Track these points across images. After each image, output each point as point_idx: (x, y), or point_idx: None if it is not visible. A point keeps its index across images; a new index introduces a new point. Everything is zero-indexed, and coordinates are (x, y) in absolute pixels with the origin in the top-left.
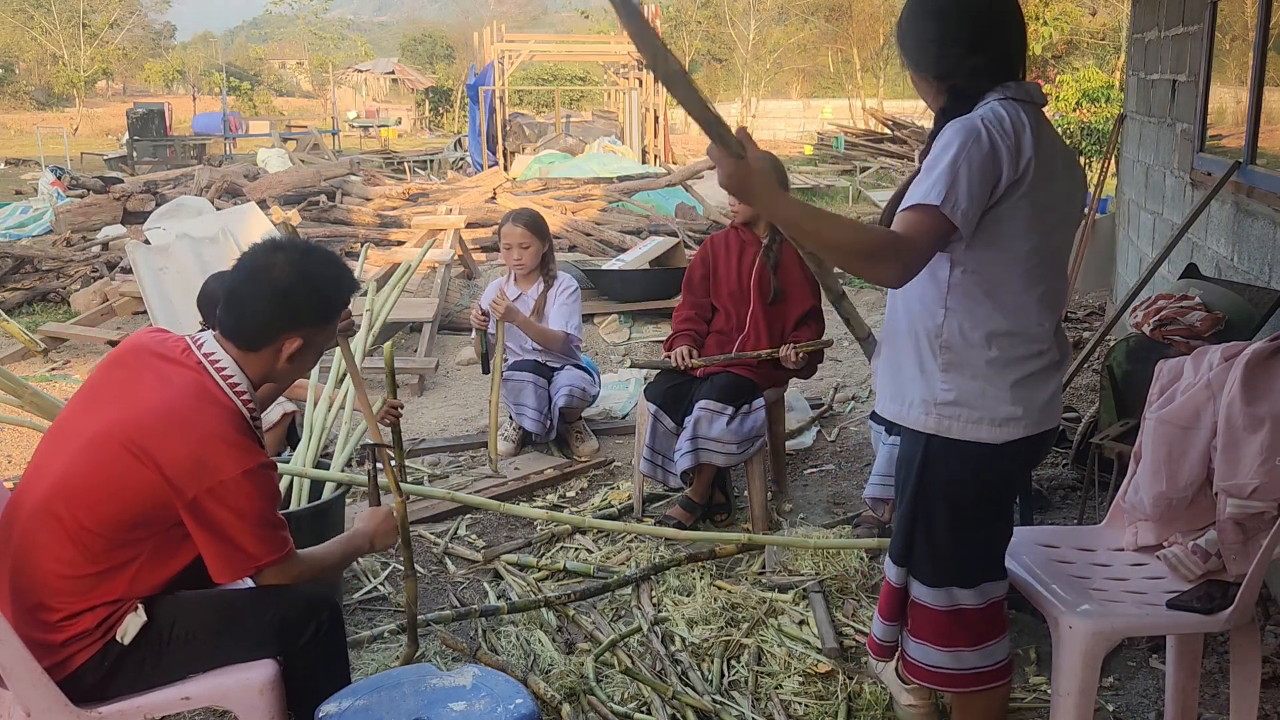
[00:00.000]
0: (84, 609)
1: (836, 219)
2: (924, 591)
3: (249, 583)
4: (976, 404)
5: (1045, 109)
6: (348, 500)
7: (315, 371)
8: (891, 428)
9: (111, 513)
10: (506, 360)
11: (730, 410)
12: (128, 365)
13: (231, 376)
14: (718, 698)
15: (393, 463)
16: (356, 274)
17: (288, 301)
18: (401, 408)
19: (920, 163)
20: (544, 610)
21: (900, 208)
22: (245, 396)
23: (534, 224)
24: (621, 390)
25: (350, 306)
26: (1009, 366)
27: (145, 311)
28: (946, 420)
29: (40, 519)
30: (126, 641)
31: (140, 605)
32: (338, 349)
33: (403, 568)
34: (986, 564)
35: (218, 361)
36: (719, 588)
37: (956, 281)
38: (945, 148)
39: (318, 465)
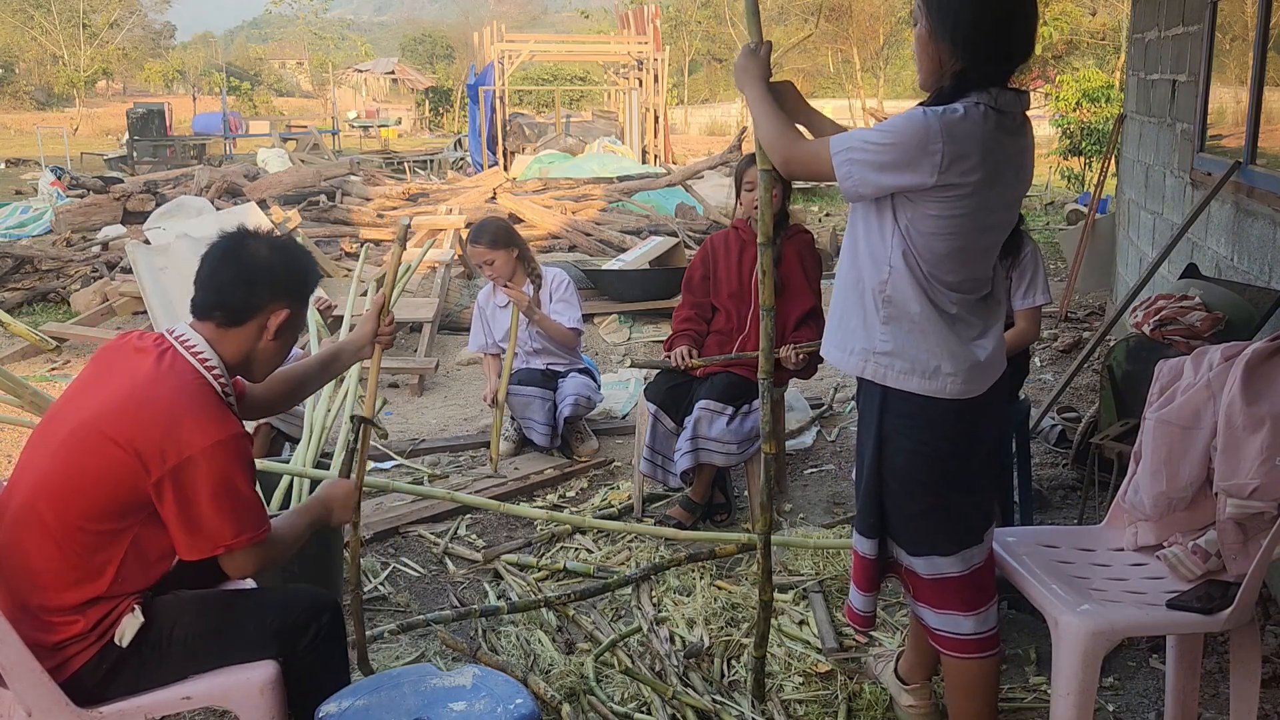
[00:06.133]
0: (72, 607)
1: (771, 115)
2: (908, 559)
3: (251, 583)
4: (909, 356)
5: (1035, 111)
6: None
7: None
8: None
9: (91, 504)
10: (516, 355)
11: (730, 410)
12: (103, 363)
13: (202, 353)
14: (718, 698)
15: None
16: (356, 274)
17: (270, 271)
18: (392, 323)
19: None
20: (544, 610)
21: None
22: (216, 371)
23: (494, 237)
24: (621, 390)
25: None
26: (941, 327)
27: (145, 311)
28: (882, 369)
29: (24, 519)
30: (124, 643)
31: (137, 607)
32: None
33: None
34: (956, 534)
35: (188, 341)
36: (719, 588)
37: (900, 247)
38: (892, 125)
39: (318, 465)
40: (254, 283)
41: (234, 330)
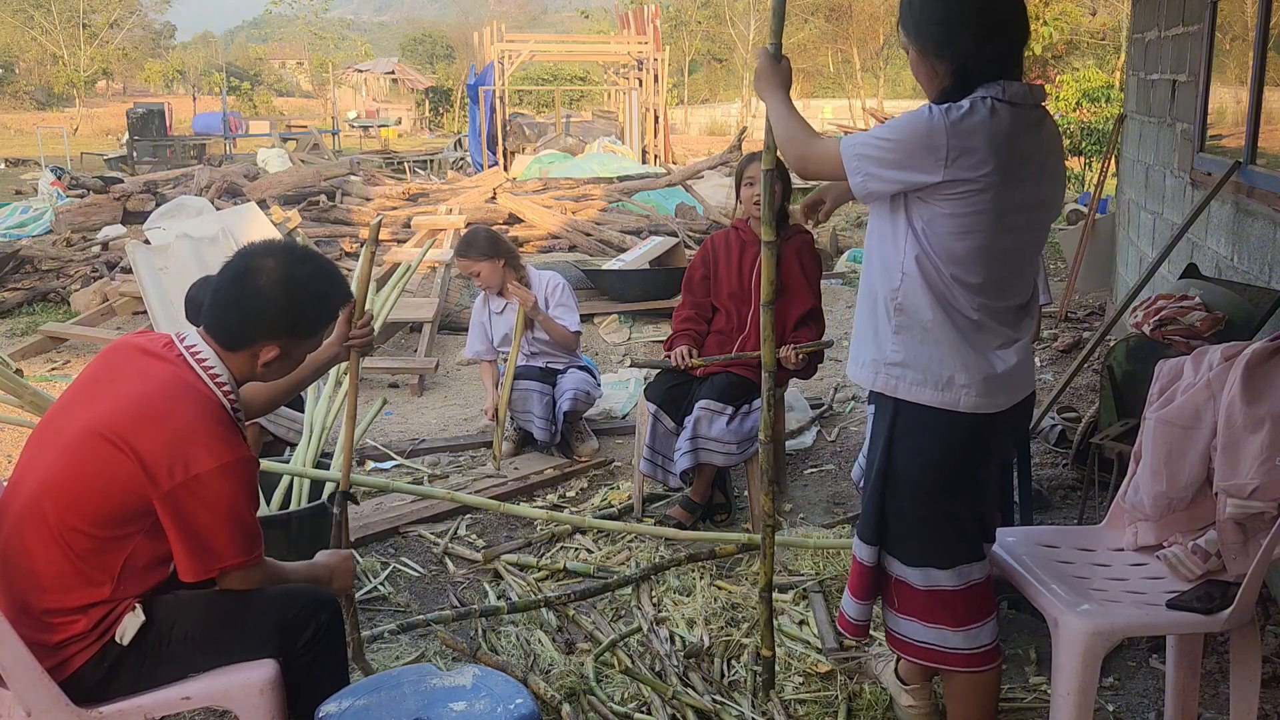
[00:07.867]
0: (74, 608)
1: (789, 118)
2: (902, 569)
3: None
4: (921, 366)
5: (1044, 109)
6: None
7: None
8: None
9: (96, 509)
10: (521, 349)
11: (730, 410)
12: (111, 363)
13: (213, 369)
14: (718, 698)
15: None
16: (356, 274)
17: (267, 310)
18: (367, 325)
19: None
20: (544, 610)
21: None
22: (226, 388)
23: (479, 248)
24: (621, 390)
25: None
26: (956, 335)
27: (145, 311)
28: (893, 380)
29: (27, 519)
30: (125, 642)
31: (138, 605)
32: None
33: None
34: (956, 547)
35: (199, 354)
36: (719, 588)
37: (914, 251)
38: (899, 122)
39: (318, 465)
40: (246, 318)
41: (231, 354)
